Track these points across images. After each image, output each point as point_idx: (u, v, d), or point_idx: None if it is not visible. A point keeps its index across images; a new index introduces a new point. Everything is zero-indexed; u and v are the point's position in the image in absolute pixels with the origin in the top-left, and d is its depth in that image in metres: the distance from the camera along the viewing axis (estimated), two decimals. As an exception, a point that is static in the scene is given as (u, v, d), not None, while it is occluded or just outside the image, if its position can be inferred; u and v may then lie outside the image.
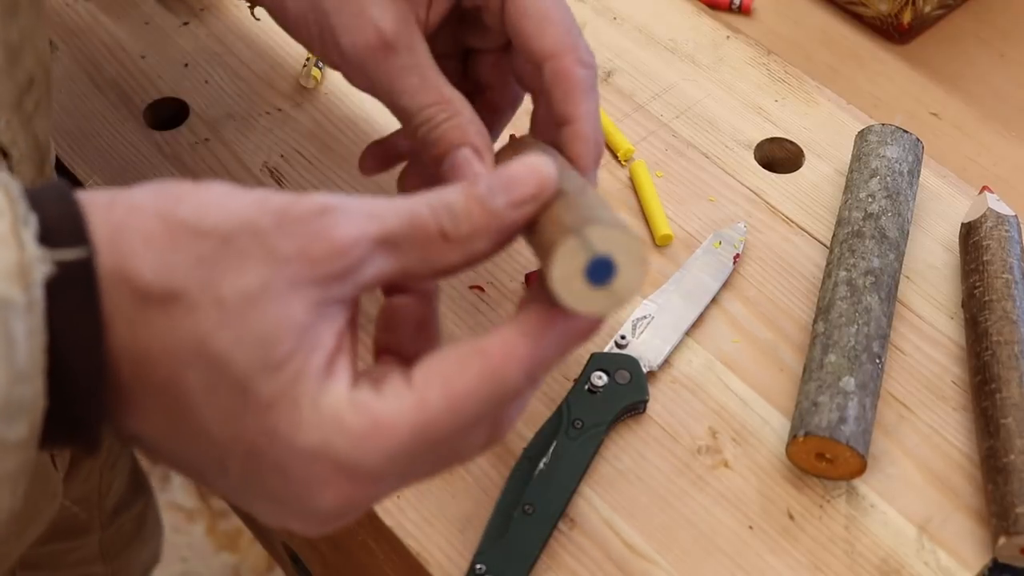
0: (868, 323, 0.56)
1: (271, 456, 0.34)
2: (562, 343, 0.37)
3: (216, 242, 0.34)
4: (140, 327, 0.33)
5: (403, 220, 0.36)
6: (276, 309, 0.34)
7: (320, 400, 0.34)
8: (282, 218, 0.34)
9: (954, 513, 0.54)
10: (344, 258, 0.35)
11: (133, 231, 0.33)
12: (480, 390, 0.35)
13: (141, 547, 1.01)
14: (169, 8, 0.76)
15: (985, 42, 0.78)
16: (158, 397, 0.34)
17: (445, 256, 0.36)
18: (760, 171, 0.68)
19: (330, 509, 0.35)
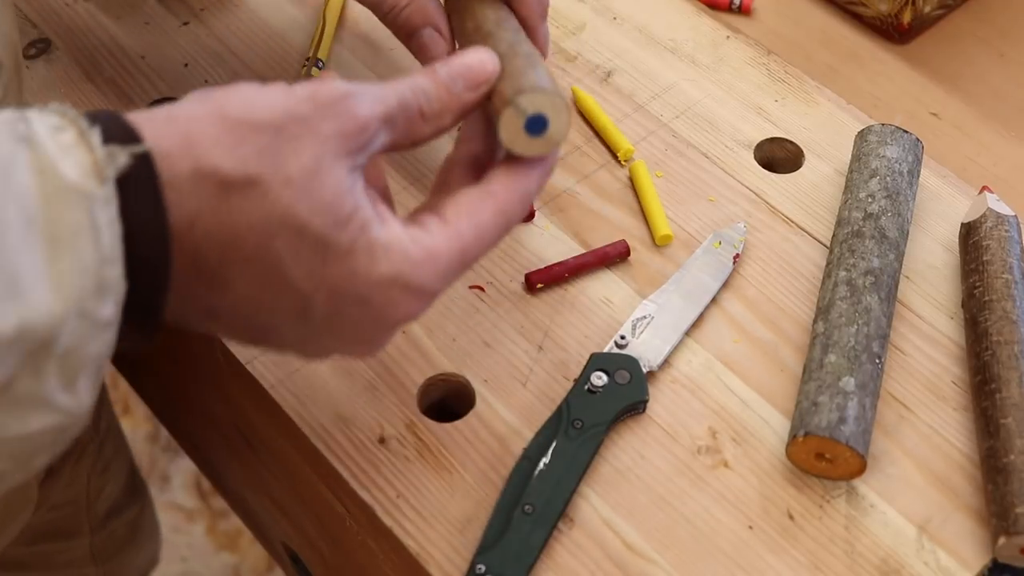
0: (868, 323, 0.56)
1: (353, 292, 0.43)
2: (540, 177, 0.48)
3: (272, 133, 0.41)
4: (226, 213, 0.40)
5: (397, 102, 0.45)
6: (332, 179, 0.42)
7: (385, 241, 0.43)
8: (315, 104, 0.42)
9: (954, 513, 0.54)
10: (366, 133, 0.43)
11: (201, 135, 0.40)
12: (496, 220, 0.46)
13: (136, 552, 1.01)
14: (169, 8, 0.76)
15: (985, 42, 0.78)
16: (247, 267, 0.41)
17: (422, 130, 0.46)
18: (760, 171, 0.68)
19: (399, 323, 0.45)
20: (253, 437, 0.71)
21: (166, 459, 1.53)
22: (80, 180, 0.36)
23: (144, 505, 1.01)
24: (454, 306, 0.62)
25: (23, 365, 0.36)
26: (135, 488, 0.99)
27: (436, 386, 0.59)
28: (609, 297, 0.62)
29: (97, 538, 0.91)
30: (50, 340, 0.36)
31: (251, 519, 1.05)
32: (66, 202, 0.36)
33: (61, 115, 0.38)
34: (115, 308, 0.38)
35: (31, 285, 0.35)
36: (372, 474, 0.56)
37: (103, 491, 0.90)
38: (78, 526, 0.89)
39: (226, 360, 0.62)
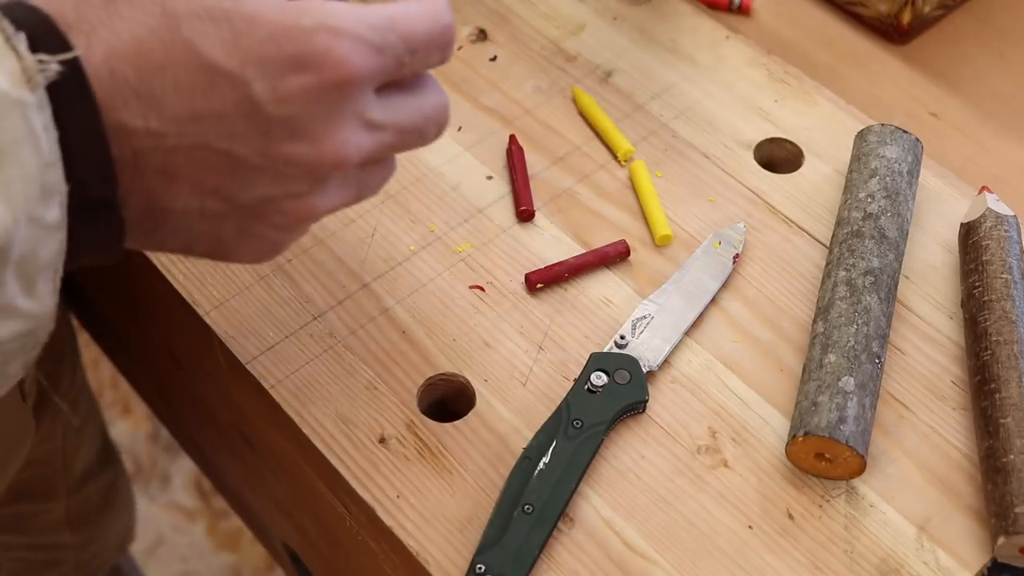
0: (868, 323, 0.57)
1: (280, 55, 0.41)
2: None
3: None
4: (120, 23, 0.40)
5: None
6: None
7: (299, 2, 0.41)
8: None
9: (953, 513, 0.54)
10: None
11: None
12: (420, 7, 0.45)
13: (112, 520, 1.01)
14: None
15: (985, 42, 0.78)
16: (166, 72, 0.40)
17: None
18: (760, 171, 0.68)
19: (342, 74, 0.42)
20: (253, 437, 0.71)
21: (166, 459, 1.53)
22: (11, 88, 0.36)
23: (118, 474, 1.01)
24: (454, 306, 0.62)
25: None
26: (108, 454, 0.99)
27: (436, 386, 0.59)
28: (609, 297, 0.62)
29: (73, 501, 0.92)
30: (5, 248, 0.37)
31: (251, 519, 1.05)
32: (3, 112, 0.36)
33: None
34: (60, 210, 0.38)
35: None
36: (372, 474, 0.56)
37: (78, 452, 0.90)
38: (54, 486, 0.89)
39: (226, 360, 0.62)
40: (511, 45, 0.74)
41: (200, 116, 0.41)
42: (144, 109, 0.40)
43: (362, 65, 0.42)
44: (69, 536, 0.94)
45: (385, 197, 0.66)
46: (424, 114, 0.47)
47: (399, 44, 0.44)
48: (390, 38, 0.43)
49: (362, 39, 0.42)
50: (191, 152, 0.42)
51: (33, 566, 0.92)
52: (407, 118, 0.46)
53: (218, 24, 0.40)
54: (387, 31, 0.43)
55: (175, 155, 0.42)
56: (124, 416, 1.56)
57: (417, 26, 0.45)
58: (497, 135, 0.69)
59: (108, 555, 1.04)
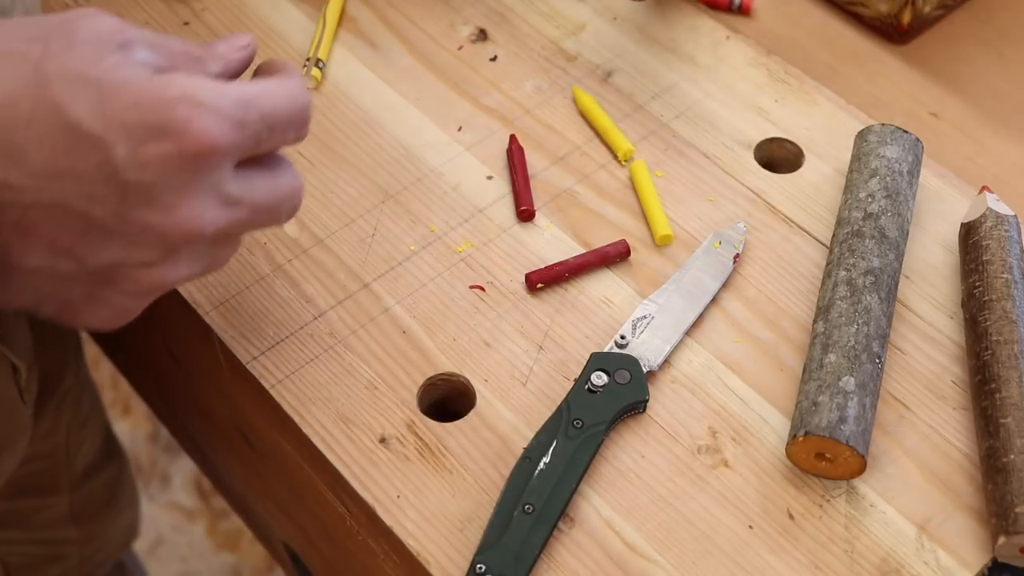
0: (868, 323, 0.57)
1: (142, 121, 0.42)
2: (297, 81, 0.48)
3: (29, 25, 0.43)
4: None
5: (155, 34, 0.46)
6: (90, 44, 0.43)
7: (167, 76, 0.43)
8: (69, 13, 0.45)
9: (954, 513, 0.54)
10: (119, 35, 0.44)
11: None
12: (282, 85, 0.47)
13: (116, 515, 1.01)
14: (169, 8, 0.76)
15: (984, 42, 0.78)
16: (31, 128, 0.41)
17: (189, 67, 0.47)
18: (760, 171, 0.68)
19: (200, 147, 0.43)
20: (253, 437, 0.71)
21: (166, 459, 1.53)
22: None
23: (122, 469, 1.01)
24: (454, 306, 0.62)
25: None
26: (112, 449, 0.99)
27: (436, 386, 0.59)
28: (609, 297, 0.62)
29: (76, 496, 0.92)
30: None
31: (251, 519, 1.05)
32: None
33: None
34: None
35: None
36: (372, 474, 0.56)
37: (81, 447, 0.90)
38: (57, 481, 0.89)
39: (226, 360, 0.62)
40: (511, 45, 0.74)
41: (61, 174, 0.42)
42: (5, 162, 0.41)
43: (222, 139, 0.43)
44: (73, 531, 0.94)
45: (385, 197, 0.66)
46: (279, 194, 0.48)
47: (259, 121, 0.45)
48: (251, 115, 0.45)
49: (224, 113, 0.43)
50: (48, 210, 0.42)
51: (37, 561, 0.93)
52: (263, 197, 0.47)
53: (87, 88, 0.42)
54: (248, 107, 0.44)
55: (32, 211, 0.42)
56: (124, 416, 1.56)
57: (277, 105, 0.46)
58: (497, 135, 0.69)
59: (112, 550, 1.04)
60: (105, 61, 0.43)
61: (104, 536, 1.00)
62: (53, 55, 0.42)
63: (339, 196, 0.67)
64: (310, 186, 0.67)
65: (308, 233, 0.65)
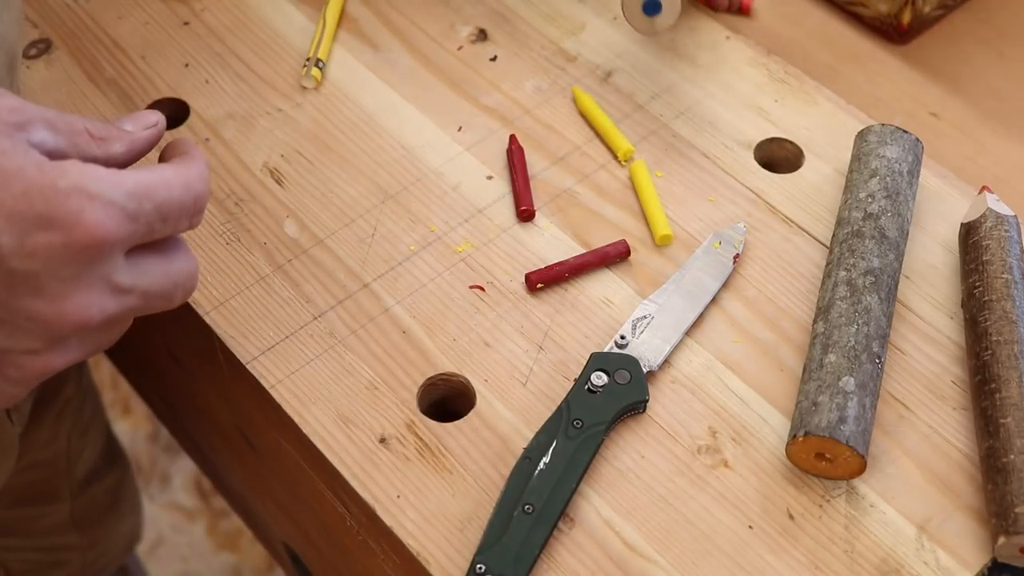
0: (868, 323, 0.57)
1: (32, 211, 0.41)
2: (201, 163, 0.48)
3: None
4: None
5: (58, 113, 0.45)
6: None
7: (59, 163, 0.42)
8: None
9: (954, 513, 0.55)
10: (16, 114, 0.43)
11: None
12: (179, 174, 0.46)
13: (118, 521, 1.01)
14: (169, 8, 0.77)
15: (984, 42, 0.78)
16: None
17: (91, 148, 0.45)
18: (760, 171, 0.68)
19: (90, 239, 0.42)
20: (254, 437, 0.71)
21: (166, 459, 1.53)
22: None
23: (124, 474, 1.01)
24: (454, 306, 0.62)
25: None
26: (113, 454, 0.99)
27: (436, 386, 0.59)
28: (609, 297, 0.62)
29: (78, 503, 0.92)
30: None
31: (251, 519, 1.05)
32: None
33: None
34: None
35: None
36: (372, 474, 0.56)
37: (82, 454, 0.90)
38: (58, 489, 0.89)
39: (227, 360, 0.62)
40: (511, 45, 0.74)
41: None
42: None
43: (112, 230, 0.42)
44: (75, 537, 0.94)
45: (385, 197, 0.66)
46: (172, 280, 0.47)
47: (152, 212, 0.44)
48: (144, 206, 0.44)
49: (115, 205, 0.42)
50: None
51: (39, 567, 0.93)
52: (155, 283, 0.46)
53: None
54: (142, 199, 0.44)
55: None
56: (124, 416, 1.56)
57: (171, 194, 0.45)
58: (497, 135, 0.69)
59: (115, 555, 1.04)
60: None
61: (107, 542, 1.00)
62: None
63: (339, 196, 0.67)
64: (311, 186, 0.67)
65: (308, 233, 0.65)
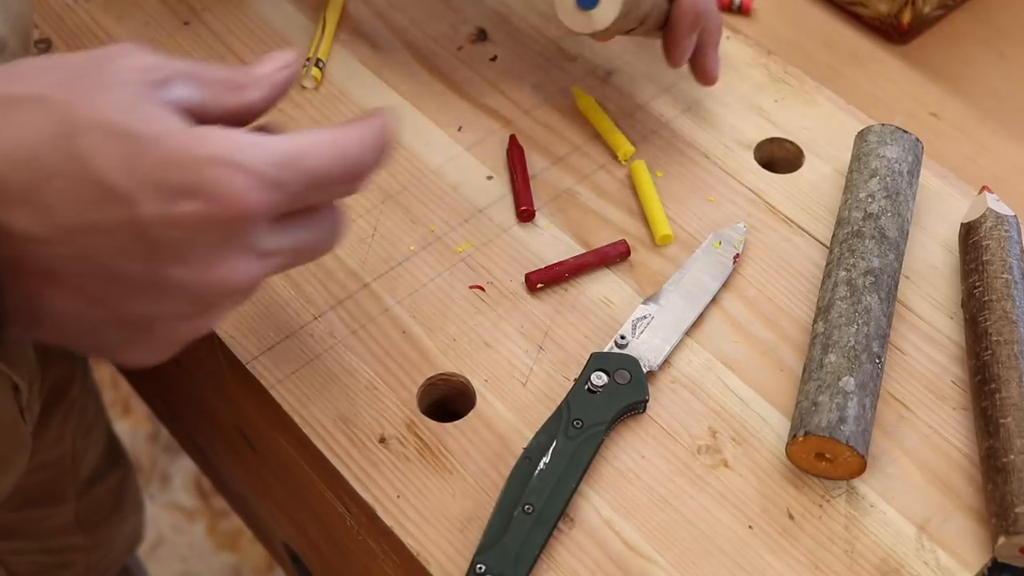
0: (868, 323, 0.57)
1: (172, 180, 0.40)
2: (375, 129, 0.46)
3: (59, 67, 0.42)
4: (18, 127, 0.40)
5: (195, 64, 0.45)
6: (122, 89, 0.41)
7: (201, 128, 0.42)
8: (106, 51, 0.43)
9: (954, 513, 0.54)
10: (157, 72, 0.43)
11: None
12: (326, 140, 0.44)
13: (121, 521, 1.01)
14: (169, 8, 0.76)
15: (984, 42, 0.78)
16: (55, 182, 0.40)
17: (229, 98, 0.45)
18: (760, 171, 0.68)
19: (235, 210, 0.41)
20: (254, 437, 0.71)
21: (166, 459, 1.53)
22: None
23: (126, 474, 1.01)
24: (454, 306, 0.62)
25: None
26: (116, 455, 0.99)
27: (436, 386, 0.59)
28: (609, 297, 0.62)
29: (82, 504, 0.92)
30: None
31: (251, 519, 1.05)
32: None
33: None
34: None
35: None
36: (372, 474, 0.56)
37: (86, 454, 0.90)
38: (63, 490, 0.89)
39: (227, 360, 0.62)
40: (511, 45, 0.74)
41: (87, 229, 0.40)
42: (30, 215, 0.40)
43: (254, 202, 0.41)
44: (79, 538, 0.94)
45: (385, 197, 0.66)
46: (319, 236, 0.46)
47: (299, 180, 0.43)
48: (290, 174, 0.42)
49: (259, 175, 0.41)
50: (76, 262, 0.41)
51: (44, 569, 0.93)
52: (301, 242, 0.46)
53: (116, 141, 0.40)
54: (288, 167, 0.42)
55: (58, 262, 0.41)
56: (124, 416, 1.56)
57: (321, 162, 0.43)
58: (497, 135, 0.69)
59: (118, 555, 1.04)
60: (137, 110, 0.41)
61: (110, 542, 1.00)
62: (81, 101, 0.40)
63: (339, 196, 0.67)
64: (310, 186, 0.67)
65: (308, 233, 0.65)
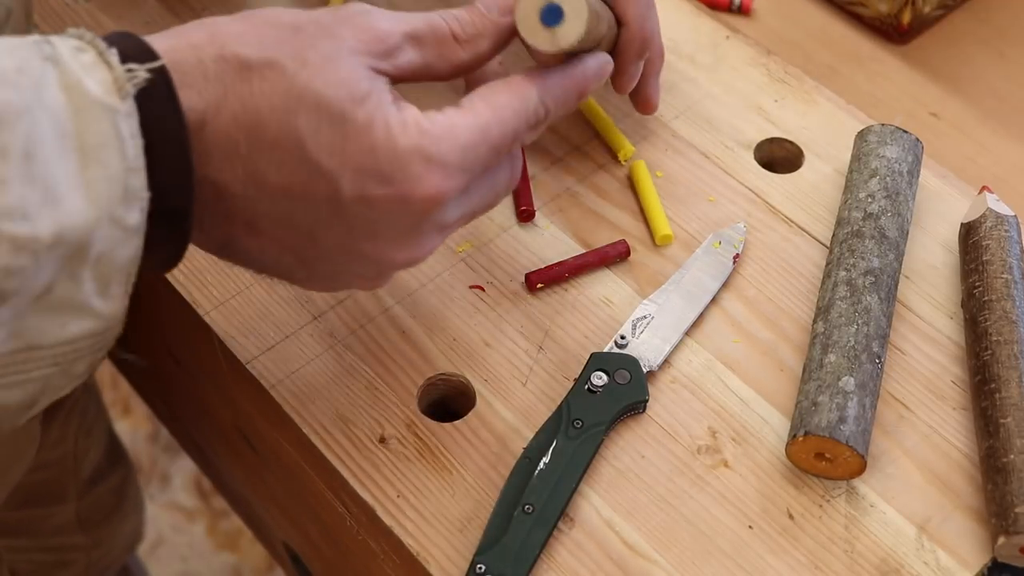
0: (868, 323, 0.57)
1: (375, 168, 0.44)
2: (563, 81, 0.49)
3: (291, 29, 0.44)
4: (248, 95, 0.43)
5: (425, 22, 0.47)
6: (348, 64, 0.44)
7: (403, 118, 0.44)
8: (336, 14, 0.45)
9: (954, 513, 0.55)
10: (385, 43, 0.46)
11: (226, 31, 0.43)
12: (513, 102, 0.47)
13: (122, 520, 1.01)
14: (169, 8, 0.76)
15: (984, 42, 0.78)
16: (274, 152, 0.43)
17: (457, 54, 0.48)
18: (760, 171, 0.68)
19: (427, 200, 0.45)
20: (254, 437, 0.71)
21: (166, 459, 1.53)
22: (103, 96, 0.39)
23: (127, 474, 1.02)
24: (454, 306, 0.62)
25: (62, 270, 0.38)
26: (116, 454, 0.99)
27: (436, 386, 0.59)
28: (609, 297, 0.62)
29: (83, 503, 0.92)
30: (85, 245, 0.38)
31: (251, 519, 1.05)
32: (93, 116, 0.38)
33: (79, 38, 0.40)
34: (141, 215, 0.40)
35: (66, 193, 0.37)
36: (372, 474, 0.56)
37: (88, 454, 0.91)
38: (64, 489, 0.89)
39: (226, 360, 0.62)
40: (511, 45, 0.74)
41: (293, 197, 0.44)
42: (246, 177, 0.44)
43: (446, 190, 0.46)
44: (80, 538, 0.94)
45: (385, 197, 0.66)
46: (496, 191, 0.50)
47: (487, 153, 0.47)
48: (479, 152, 0.46)
49: (452, 166, 0.45)
50: (278, 220, 0.45)
51: (45, 567, 0.93)
52: (480, 202, 0.49)
53: (332, 125, 0.43)
54: (477, 146, 0.46)
55: (264, 220, 0.45)
56: (124, 416, 1.56)
57: (505, 129, 0.47)
58: (497, 135, 0.69)
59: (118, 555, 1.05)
60: (356, 91, 0.44)
61: (111, 541, 1.00)
62: (307, 75, 0.43)
63: (339, 196, 0.67)
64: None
65: (308, 233, 0.65)
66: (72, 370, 0.42)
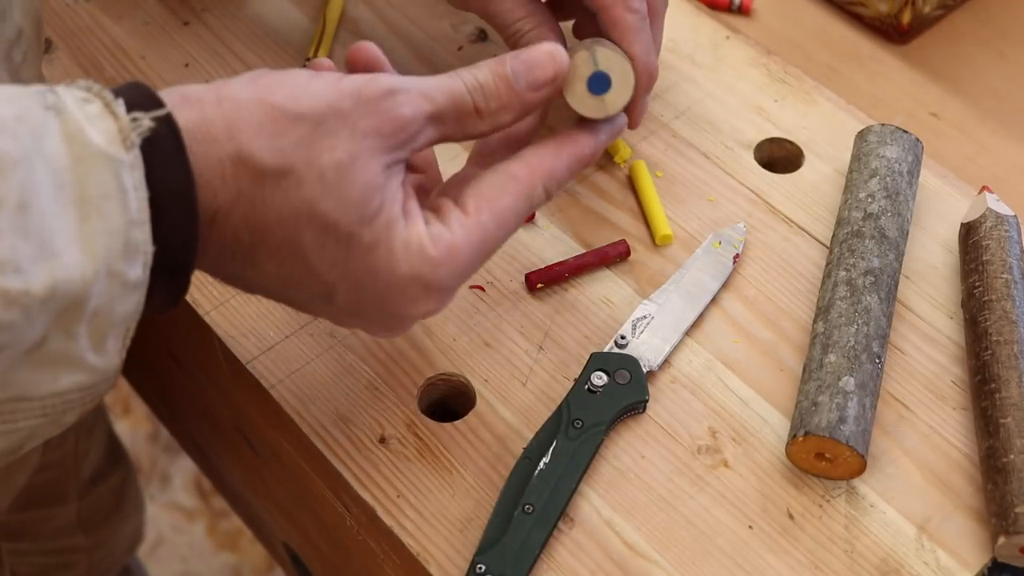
0: (868, 323, 0.57)
1: (373, 288, 0.45)
2: (569, 163, 0.49)
3: (310, 125, 0.43)
4: (260, 201, 0.42)
5: (448, 99, 0.46)
6: (363, 175, 0.43)
7: (407, 239, 0.45)
8: (358, 100, 0.44)
9: (954, 513, 0.55)
10: (406, 131, 0.44)
11: (244, 122, 0.42)
12: (517, 205, 0.47)
13: (122, 521, 1.01)
14: (169, 8, 0.77)
15: (984, 42, 0.78)
16: (276, 254, 0.44)
17: (477, 126, 0.47)
18: (760, 171, 0.68)
19: (417, 318, 0.47)
20: (253, 437, 0.71)
21: (166, 459, 1.53)
22: (107, 146, 0.38)
23: (127, 474, 1.02)
24: (454, 306, 0.62)
25: (55, 324, 0.37)
26: (117, 454, 0.99)
27: (436, 386, 0.59)
28: (609, 297, 0.62)
29: (84, 504, 0.92)
30: (81, 300, 0.37)
31: (251, 519, 1.05)
32: (94, 166, 0.37)
33: (87, 89, 0.40)
34: (143, 270, 0.39)
35: (63, 246, 0.37)
36: (372, 474, 0.56)
37: (88, 454, 0.91)
38: (65, 491, 0.89)
39: (226, 360, 0.62)
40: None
41: (288, 284, 0.46)
42: (253, 269, 0.45)
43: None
44: (81, 539, 0.94)
45: (385, 197, 0.66)
46: None
47: (484, 260, 0.48)
48: (476, 266, 0.47)
49: (447, 289, 0.46)
50: (274, 293, 0.47)
51: (47, 569, 0.93)
52: None
53: (337, 243, 0.44)
54: (476, 262, 0.47)
55: (267, 294, 0.47)
56: (124, 416, 1.56)
57: (508, 230, 0.48)
58: (497, 135, 0.69)
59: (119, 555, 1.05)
60: (366, 212, 0.44)
61: (112, 542, 1.00)
62: (322, 190, 0.43)
63: (339, 196, 0.67)
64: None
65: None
66: (61, 420, 0.41)
